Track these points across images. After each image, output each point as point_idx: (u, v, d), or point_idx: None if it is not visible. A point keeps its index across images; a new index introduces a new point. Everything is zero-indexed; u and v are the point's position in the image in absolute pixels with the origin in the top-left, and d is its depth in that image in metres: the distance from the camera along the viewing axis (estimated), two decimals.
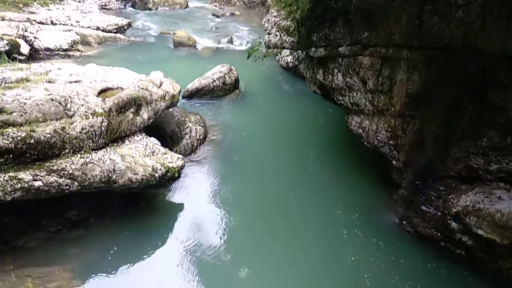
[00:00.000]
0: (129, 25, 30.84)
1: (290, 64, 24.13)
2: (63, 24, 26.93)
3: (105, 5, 35.15)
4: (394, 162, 13.04)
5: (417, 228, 12.19)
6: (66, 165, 10.23)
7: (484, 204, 10.48)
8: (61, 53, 24.07)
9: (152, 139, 13.52)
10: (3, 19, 23.82)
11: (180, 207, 13.10)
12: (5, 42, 20.66)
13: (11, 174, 9.46)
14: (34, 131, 9.85)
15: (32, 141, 9.76)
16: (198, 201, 13.50)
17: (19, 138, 9.56)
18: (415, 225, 12.24)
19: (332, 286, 10.66)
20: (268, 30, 27.21)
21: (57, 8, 29.22)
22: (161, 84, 15.39)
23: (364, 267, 11.17)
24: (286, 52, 24.30)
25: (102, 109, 11.59)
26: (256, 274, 10.79)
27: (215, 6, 39.74)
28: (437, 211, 11.76)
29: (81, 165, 10.43)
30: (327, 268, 11.13)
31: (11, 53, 20.06)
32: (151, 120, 13.93)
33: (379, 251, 11.74)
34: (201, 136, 16.99)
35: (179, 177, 13.05)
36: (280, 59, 25.27)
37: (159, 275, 10.43)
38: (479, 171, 11.23)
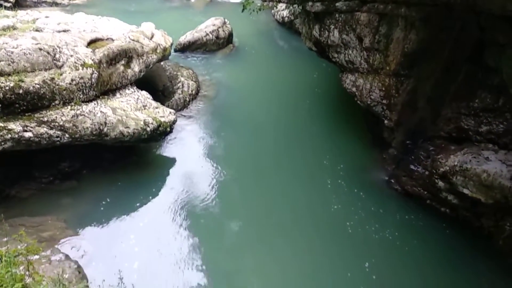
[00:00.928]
0: None
1: (286, 19, 23.59)
2: None
3: None
4: (386, 121, 13.12)
5: (404, 187, 12.48)
6: (56, 117, 10.15)
7: (471, 164, 10.70)
8: (48, 0, 23.22)
9: (144, 92, 13.37)
10: None
11: (172, 161, 13.20)
12: None
13: (1, 124, 9.39)
14: (23, 81, 9.67)
15: (21, 91, 9.61)
16: (190, 156, 13.60)
17: (7, 88, 9.40)
18: (403, 184, 12.53)
19: (316, 230, 11.15)
20: None
21: None
22: (152, 36, 15.01)
23: (347, 216, 11.64)
24: (282, 6, 23.69)
25: (92, 60, 11.35)
26: (247, 226, 11.09)
27: None
28: (425, 170, 12.00)
29: (72, 117, 10.35)
30: (312, 215, 11.60)
31: None
32: (142, 73, 13.70)
33: (363, 203, 12.13)
34: (194, 91, 16.84)
35: (171, 131, 13.05)
36: (276, 13, 24.68)
37: (151, 225, 10.67)
38: (469, 132, 11.37)
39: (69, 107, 10.50)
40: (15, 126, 9.55)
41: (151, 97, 13.42)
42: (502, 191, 10.04)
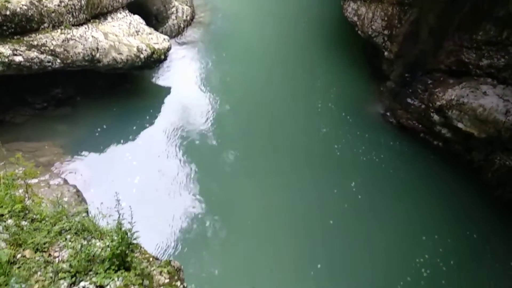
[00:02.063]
0: None
1: None
2: None
3: None
4: (386, 53, 12.85)
5: (399, 120, 12.54)
6: (46, 41, 9.82)
7: (468, 99, 10.68)
8: None
9: (136, 17, 12.84)
10: None
11: (167, 89, 13.03)
12: None
13: None
14: (9, 2, 9.22)
15: (7, 12, 9.19)
16: (186, 85, 13.41)
17: None
18: (398, 117, 12.57)
19: (306, 153, 11.50)
20: None
21: None
22: None
23: (336, 139, 11.96)
24: None
25: None
26: (243, 157, 11.26)
27: None
28: (421, 104, 11.99)
29: (63, 41, 10.02)
30: (303, 138, 11.92)
31: None
32: None
33: (353, 128, 12.38)
34: (188, 17, 16.19)
35: (165, 59, 12.74)
36: None
37: (147, 152, 10.80)
38: (469, 65, 11.21)
39: (59, 30, 10.12)
40: (5, 49, 9.25)
41: (144, 22, 12.92)
42: (496, 126, 10.14)
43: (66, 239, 5.32)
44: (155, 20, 15.30)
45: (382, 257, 9.20)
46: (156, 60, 12.19)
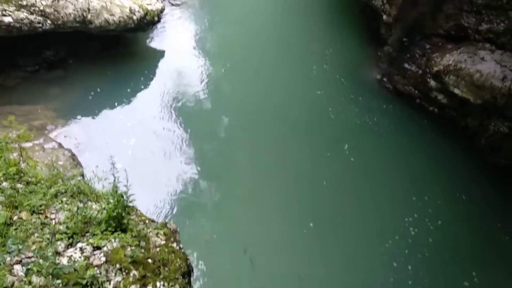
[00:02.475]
0: None
1: None
2: None
3: None
4: (384, 16, 12.60)
5: (396, 85, 12.45)
6: (36, 1, 9.52)
7: (466, 64, 10.57)
8: None
9: None
10: None
11: (161, 53, 12.79)
12: None
13: None
14: None
15: None
16: (180, 48, 13.17)
17: None
18: (395, 82, 12.47)
19: (300, 115, 11.51)
20: None
21: None
22: None
23: (330, 102, 11.93)
24: None
25: None
26: (237, 122, 11.22)
27: None
28: (418, 69, 11.88)
29: (52, 2, 9.72)
30: (297, 101, 11.91)
31: None
32: None
33: (349, 92, 12.34)
34: None
35: (158, 21, 12.42)
36: None
37: (142, 115, 10.73)
38: (468, 30, 11.03)
39: None
40: None
41: None
42: (492, 92, 10.09)
43: (62, 201, 5.35)
44: None
45: (373, 217, 9.37)
46: (149, 22, 11.89)
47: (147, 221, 5.66)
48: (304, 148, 10.63)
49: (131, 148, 9.68)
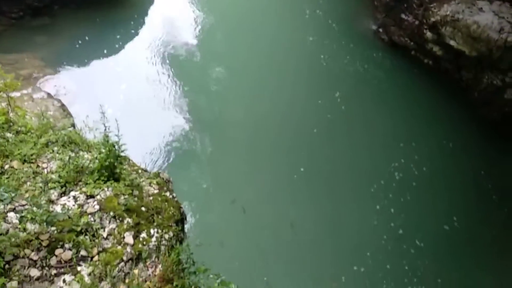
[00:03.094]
0: None
1: None
2: None
3: None
4: None
5: (391, 36, 12.19)
6: None
7: (463, 15, 10.33)
8: None
9: None
10: None
11: (150, 0, 12.28)
12: None
13: None
14: None
15: None
16: None
17: None
18: (391, 33, 12.20)
19: (295, 64, 11.42)
20: None
21: None
22: None
23: (323, 49, 11.79)
24: None
25: None
26: (229, 73, 11.02)
27: None
28: (415, 20, 11.59)
29: None
30: (290, 48, 11.74)
31: None
32: None
33: (343, 40, 12.14)
34: None
35: None
36: None
37: (131, 64, 10.51)
38: None
39: None
40: None
41: None
42: (488, 44, 9.94)
43: (53, 151, 5.30)
44: None
45: (361, 163, 9.56)
46: None
47: (139, 171, 5.67)
48: (296, 96, 10.61)
49: (121, 98, 9.54)
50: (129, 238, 4.46)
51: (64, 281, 3.90)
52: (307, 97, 10.53)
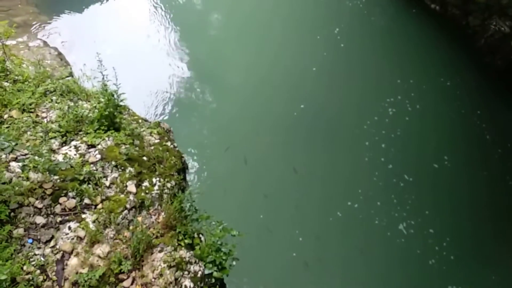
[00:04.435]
0: None
1: None
2: None
3: None
4: None
5: None
6: None
7: None
8: None
9: None
10: None
11: None
12: None
13: None
14: None
15: None
16: None
17: None
18: None
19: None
20: None
21: None
22: None
23: None
24: None
25: None
26: (230, 20, 10.72)
27: None
28: None
29: None
30: None
31: None
32: None
33: None
34: None
35: None
36: None
37: (129, 10, 10.20)
38: None
39: None
40: None
41: None
42: None
43: (52, 100, 5.24)
44: None
45: (357, 99, 9.52)
46: None
47: (140, 121, 5.65)
48: (295, 32, 10.39)
49: (119, 46, 9.26)
50: (131, 186, 4.53)
51: (69, 228, 4.02)
52: (305, 34, 10.36)
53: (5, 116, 4.82)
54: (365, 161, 8.50)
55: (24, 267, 3.67)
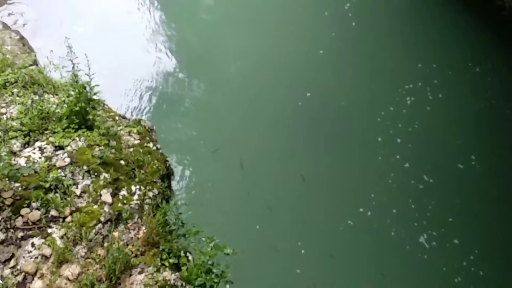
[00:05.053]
0: None
1: None
2: None
3: None
4: None
5: None
6: None
7: None
8: None
9: None
10: None
11: None
12: None
13: None
14: None
15: None
16: None
17: None
18: None
19: None
20: None
21: None
22: None
23: None
24: None
25: None
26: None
27: None
28: None
29: None
30: None
31: None
32: None
33: None
34: None
35: None
36: None
37: None
38: None
39: None
40: None
41: None
42: None
43: (12, 93, 5.28)
44: None
45: (370, 85, 9.56)
46: None
47: (117, 118, 5.71)
48: (296, 8, 10.54)
49: (93, 29, 9.27)
50: (106, 196, 4.56)
51: (32, 244, 4.01)
52: (312, 8, 10.50)
53: None
54: (378, 160, 8.52)
55: None
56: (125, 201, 4.66)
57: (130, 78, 8.79)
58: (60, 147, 4.77)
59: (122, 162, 4.97)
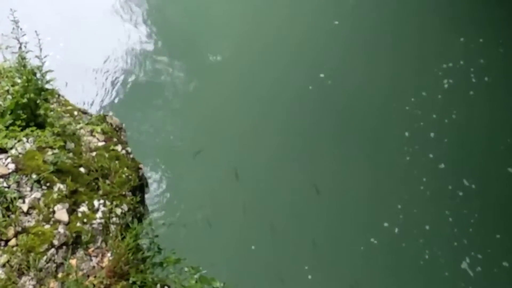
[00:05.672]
0: None
1: None
2: None
3: None
4: None
5: None
6: None
7: None
8: None
9: None
10: None
11: None
12: None
13: None
14: None
15: None
16: None
17: None
18: None
19: None
20: None
21: None
22: None
23: None
24: None
25: None
26: None
27: None
28: None
29: None
30: None
31: None
32: None
33: None
34: None
35: None
36: None
37: None
38: None
39: None
40: None
41: None
42: None
43: None
44: None
45: (396, 64, 9.58)
46: None
47: (76, 113, 5.60)
48: None
49: None
50: (61, 213, 4.41)
51: None
52: None
53: None
54: (406, 161, 8.51)
55: None
56: (85, 220, 4.52)
57: (93, 61, 8.72)
58: (3, 150, 4.63)
59: (82, 169, 4.85)
